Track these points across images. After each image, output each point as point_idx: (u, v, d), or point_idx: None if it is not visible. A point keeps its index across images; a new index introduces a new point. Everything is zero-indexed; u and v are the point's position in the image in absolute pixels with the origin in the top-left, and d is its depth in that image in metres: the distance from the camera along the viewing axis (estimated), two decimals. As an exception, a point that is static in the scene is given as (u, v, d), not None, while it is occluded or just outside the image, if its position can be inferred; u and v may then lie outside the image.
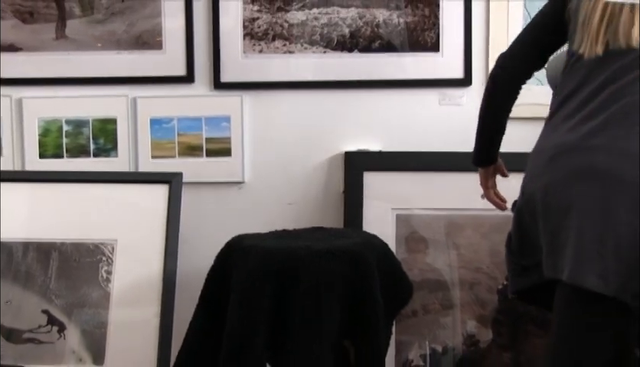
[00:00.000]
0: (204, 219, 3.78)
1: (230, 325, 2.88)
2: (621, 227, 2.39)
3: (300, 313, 2.85)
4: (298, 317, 2.86)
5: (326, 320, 2.86)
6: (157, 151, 3.86)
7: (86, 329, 3.65)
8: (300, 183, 3.82)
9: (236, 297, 2.91)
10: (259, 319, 2.86)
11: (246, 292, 2.89)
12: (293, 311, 2.86)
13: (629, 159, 2.41)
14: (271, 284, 2.88)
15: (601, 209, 2.44)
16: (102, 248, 3.71)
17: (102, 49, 3.87)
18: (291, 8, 3.81)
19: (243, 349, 2.87)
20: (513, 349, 3.64)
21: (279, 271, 2.90)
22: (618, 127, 2.45)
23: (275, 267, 2.91)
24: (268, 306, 2.87)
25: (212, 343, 2.98)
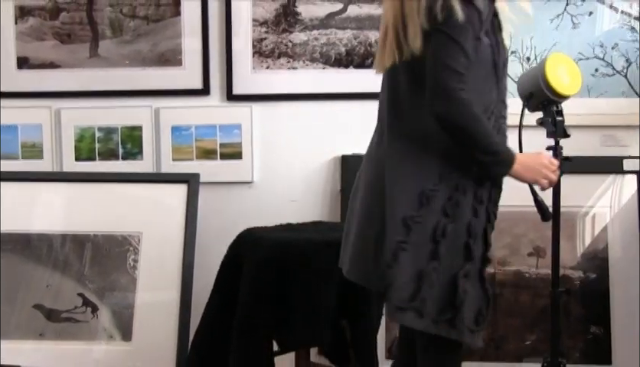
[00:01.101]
0: (218, 214, 3.76)
1: (241, 306, 2.89)
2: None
3: (302, 296, 2.85)
4: (300, 300, 2.85)
5: (324, 303, 2.87)
6: (177, 155, 3.84)
7: (116, 309, 3.65)
8: (302, 183, 3.81)
9: (246, 282, 2.90)
10: (266, 301, 2.86)
11: (255, 278, 2.89)
12: (296, 294, 2.86)
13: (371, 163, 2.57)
14: (276, 271, 2.88)
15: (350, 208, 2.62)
16: (130, 240, 3.71)
17: (129, 66, 3.85)
18: (294, 30, 3.79)
19: (253, 327, 2.87)
20: (489, 328, 3.59)
21: (284, 259, 2.90)
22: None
23: (280, 256, 2.91)
24: (274, 290, 2.87)
25: (225, 322, 2.97)
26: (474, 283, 2.38)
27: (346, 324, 2.96)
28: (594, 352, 3.60)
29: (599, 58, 3.72)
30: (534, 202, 2.90)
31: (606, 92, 3.72)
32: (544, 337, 3.47)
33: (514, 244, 3.64)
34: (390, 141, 2.50)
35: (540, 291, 3.57)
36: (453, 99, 2.28)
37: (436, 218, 2.36)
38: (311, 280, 2.87)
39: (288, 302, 2.85)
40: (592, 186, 3.67)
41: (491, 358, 3.59)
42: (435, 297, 2.34)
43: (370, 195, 2.51)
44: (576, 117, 3.13)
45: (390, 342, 3.61)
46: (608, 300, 3.62)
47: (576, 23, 3.72)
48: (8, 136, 3.88)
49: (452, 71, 2.28)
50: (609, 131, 3.74)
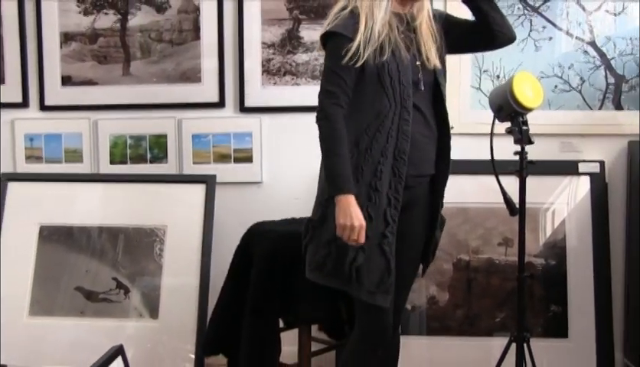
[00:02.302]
0: (232, 210, 3.73)
1: (252, 289, 2.88)
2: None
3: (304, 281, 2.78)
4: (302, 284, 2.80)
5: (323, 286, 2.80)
6: (197, 159, 3.82)
7: (145, 291, 3.64)
8: (304, 183, 3.75)
9: (256, 268, 2.90)
10: (273, 285, 2.86)
11: (264, 265, 2.88)
12: (299, 279, 2.81)
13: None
14: (282, 259, 2.88)
15: None
16: (156, 232, 3.69)
17: (156, 82, 3.83)
18: (297, 52, 3.77)
19: (262, 307, 2.86)
20: (464, 307, 3.61)
21: (288, 249, 2.87)
22: None
23: (285, 246, 2.89)
24: (279, 275, 2.85)
25: (238, 303, 2.96)
26: (373, 254, 2.46)
27: (342, 304, 2.91)
28: (553, 327, 3.58)
29: (557, 76, 3.69)
30: (504, 199, 2.89)
31: (564, 105, 3.70)
32: (512, 315, 3.47)
33: (486, 235, 3.62)
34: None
35: (508, 276, 3.55)
36: (323, 113, 2.49)
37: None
38: (312, 266, 2.81)
39: (292, 286, 2.84)
40: (552, 186, 3.64)
41: (467, 333, 3.57)
42: (333, 261, 2.48)
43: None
44: (539, 126, 3.10)
45: (380, 320, 3.57)
46: (566, 282, 3.60)
47: (538, 46, 3.70)
48: (53, 143, 3.87)
49: (323, 89, 2.50)
50: (567, 139, 3.71)
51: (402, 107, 2.50)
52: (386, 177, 2.49)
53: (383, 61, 2.47)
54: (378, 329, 2.58)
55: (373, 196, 2.48)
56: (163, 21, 3.80)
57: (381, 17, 2.48)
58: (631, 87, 3.71)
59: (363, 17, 2.46)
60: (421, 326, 3.59)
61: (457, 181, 3.59)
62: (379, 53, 2.47)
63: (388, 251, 2.49)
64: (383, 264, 2.48)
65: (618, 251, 3.70)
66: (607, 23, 3.69)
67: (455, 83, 3.69)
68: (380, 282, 2.48)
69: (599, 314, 3.56)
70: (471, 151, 3.56)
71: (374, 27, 2.46)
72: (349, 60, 2.43)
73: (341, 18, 2.50)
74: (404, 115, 2.50)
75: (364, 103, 2.51)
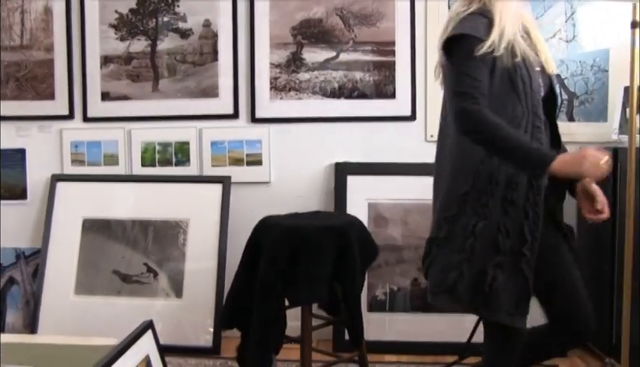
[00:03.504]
0: (245, 206, 3.71)
1: (262, 274, 2.84)
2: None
3: (306, 266, 2.79)
4: (304, 268, 2.81)
5: (323, 270, 2.82)
6: (215, 162, 3.80)
7: (171, 275, 3.63)
8: (306, 183, 3.79)
9: (265, 255, 2.86)
10: (279, 269, 2.82)
11: (271, 252, 2.85)
12: (301, 264, 2.81)
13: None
14: (287, 248, 2.83)
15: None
16: (181, 224, 3.68)
17: (181, 97, 3.82)
18: (300, 71, 3.76)
19: (270, 289, 2.82)
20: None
21: (292, 239, 2.84)
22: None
23: (290, 236, 2.85)
24: (285, 261, 2.81)
25: (250, 285, 2.92)
26: (509, 274, 2.06)
27: (338, 286, 2.89)
28: (518, 305, 3.54)
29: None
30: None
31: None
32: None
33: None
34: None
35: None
36: (465, 115, 2.06)
37: (467, 218, 2.11)
38: (313, 254, 2.81)
39: (295, 270, 2.81)
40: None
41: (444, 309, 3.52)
42: (467, 283, 2.09)
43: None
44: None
45: (371, 299, 3.58)
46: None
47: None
48: (94, 149, 3.87)
49: (457, 93, 2.09)
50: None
51: (534, 114, 2.12)
52: (522, 189, 2.08)
53: (515, 64, 2.09)
54: (513, 357, 2.21)
55: (509, 210, 2.08)
56: (187, 45, 3.79)
57: (512, 17, 2.13)
58: (581, 102, 3.69)
59: (497, 17, 2.10)
60: (405, 304, 3.58)
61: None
62: (511, 55, 2.09)
63: (526, 269, 2.07)
64: (521, 284, 2.07)
65: (572, 241, 3.67)
66: (561, 48, 3.68)
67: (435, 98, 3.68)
68: (518, 303, 2.08)
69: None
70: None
71: (507, 28, 2.09)
72: (482, 60, 2.06)
73: (469, 20, 2.12)
74: (536, 123, 2.12)
75: (497, 109, 2.07)
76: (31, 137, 3.90)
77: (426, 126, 3.71)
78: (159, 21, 3.81)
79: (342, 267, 2.85)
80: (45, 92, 3.88)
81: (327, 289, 2.86)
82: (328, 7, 3.72)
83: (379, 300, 3.58)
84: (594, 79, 3.68)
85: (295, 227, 2.86)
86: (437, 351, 3.38)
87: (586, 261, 3.58)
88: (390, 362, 3.34)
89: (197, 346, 3.47)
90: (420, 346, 3.47)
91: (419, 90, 3.71)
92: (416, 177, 3.62)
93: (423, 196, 3.59)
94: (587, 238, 3.58)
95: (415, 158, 3.67)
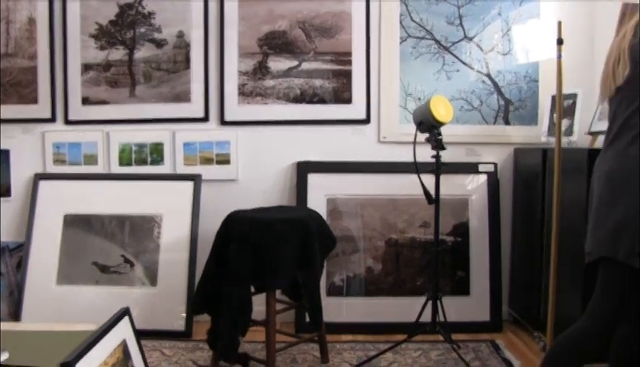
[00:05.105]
0: (214, 201, 3.66)
1: (230, 262, 2.81)
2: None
3: (271, 256, 2.77)
4: (269, 257, 2.78)
5: (285, 259, 2.79)
6: (187, 162, 3.73)
7: (146, 265, 3.55)
8: (270, 180, 3.75)
9: (233, 246, 2.82)
10: (246, 259, 2.78)
11: (239, 243, 2.81)
12: (266, 254, 2.77)
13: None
14: (253, 239, 2.79)
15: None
16: (155, 218, 3.61)
17: (156, 102, 3.74)
18: (266, 78, 3.71)
19: (237, 276, 2.79)
20: (393, 274, 3.59)
21: (258, 231, 2.80)
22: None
23: (256, 229, 2.81)
24: (251, 251, 2.78)
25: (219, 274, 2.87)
26: None
27: (300, 273, 2.87)
28: (459, 287, 3.59)
29: (463, 99, 3.70)
30: (423, 192, 2.88)
31: (468, 121, 3.70)
32: (429, 279, 3.47)
33: (410, 219, 3.61)
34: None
35: (426, 250, 3.55)
36: None
37: None
38: (277, 244, 2.78)
39: (261, 259, 2.78)
40: (459, 182, 3.65)
41: (395, 294, 3.57)
42: None
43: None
44: (449, 137, 3.11)
45: (330, 285, 3.55)
46: (468, 254, 3.61)
47: (449, 76, 3.70)
48: (75, 150, 3.77)
49: None
50: (470, 146, 3.72)
51: None
52: None
53: None
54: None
55: None
56: (161, 54, 3.72)
57: None
58: (515, 108, 3.72)
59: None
60: (360, 289, 3.57)
61: (389, 179, 3.61)
62: None
63: None
64: None
65: (506, 230, 3.73)
66: (498, 60, 3.71)
67: (388, 103, 3.68)
68: None
69: (492, 277, 3.59)
70: (399, 155, 3.56)
71: None
72: None
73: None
74: None
75: None
76: (16, 138, 3.78)
77: (379, 128, 3.71)
78: (136, 31, 3.72)
79: (304, 256, 2.83)
80: (29, 96, 3.76)
81: (290, 276, 2.83)
82: (291, 20, 3.68)
83: (337, 286, 3.56)
84: (526, 88, 3.72)
85: (260, 220, 2.83)
86: (389, 331, 3.37)
87: (519, 247, 3.63)
88: (346, 342, 3.33)
89: (170, 330, 3.40)
90: (374, 327, 3.46)
91: (373, 96, 3.70)
92: (371, 175, 3.63)
93: (377, 191, 3.63)
94: (521, 227, 3.62)
95: (369, 158, 3.68)
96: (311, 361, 3.07)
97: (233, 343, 2.78)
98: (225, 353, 2.82)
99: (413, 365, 3.00)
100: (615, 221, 1.99)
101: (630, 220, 1.96)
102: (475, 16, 3.68)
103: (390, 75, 3.69)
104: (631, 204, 1.96)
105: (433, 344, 3.23)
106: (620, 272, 2.00)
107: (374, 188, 3.62)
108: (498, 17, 3.69)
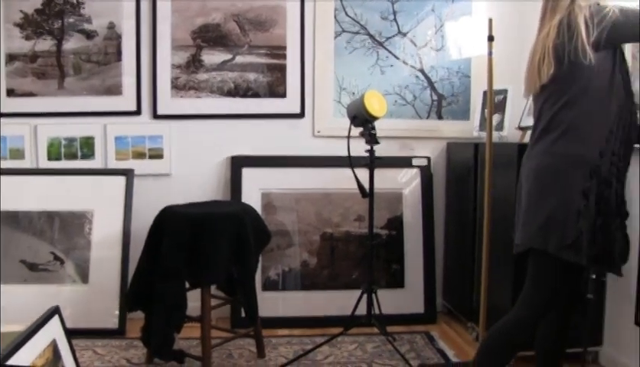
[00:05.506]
0: (147, 196, 3.58)
1: (163, 258, 2.77)
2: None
3: (205, 251, 2.76)
4: (203, 252, 2.76)
5: (220, 254, 2.78)
6: (119, 156, 3.66)
7: (77, 263, 3.46)
8: (204, 174, 3.72)
9: (166, 241, 2.79)
10: (180, 254, 2.76)
11: (172, 239, 2.78)
12: (200, 249, 2.75)
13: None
14: (188, 234, 2.77)
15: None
16: (86, 214, 3.52)
17: (86, 95, 3.65)
18: (199, 72, 3.67)
19: (171, 272, 2.77)
20: (329, 268, 3.62)
21: (192, 226, 2.78)
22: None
23: (189, 223, 2.79)
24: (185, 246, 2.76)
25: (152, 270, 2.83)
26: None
27: (235, 268, 2.86)
28: (394, 280, 3.64)
29: (397, 94, 3.75)
30: (357, 186, 2.91)
31: (402, 115, 3.76)
32: (364, 272, 3.51)
33: (345, 213, 3.64)
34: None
35: (361, 243, 3.58)
36: None
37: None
38: (211, 239, 2.76)
39: (195, 254, 2.75)
40: (393, 176, 3.71)
41: (331, 287, 3.60)
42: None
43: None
44: (383, 131, 3.14)
45: (265, 279, 3.55)
46: (403, 247, 3.67)
47: (383, 71, 3.75)
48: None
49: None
50: (404, 141, 3.78)
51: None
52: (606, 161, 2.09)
53: None
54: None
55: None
56: (92, 45, 3.62)
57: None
58: (448, 103, 3.81)
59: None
60: (296, 283, 3.58)
61: (322, 172, 3.64)
62: None
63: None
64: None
65: (439, 223, 3.80)
66: (431, 56, 3.78)
67: (322, 97, 3.70)
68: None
69: (426, 270, 3.66)
70: (333, 149, 3.58)
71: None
72: None
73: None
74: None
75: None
76: (-64, 132, 3.64)
77: (314, 122, 3.73)
78: (65, 22, 3.61)
79: (238, 251, 2.82)
80: (-51, 88, 3.62)
81: (225, 271, 2.82)
82: (225, 13, 3.65)
83: (272, 280, 3.56)
84: (459, 84, 3.81)
85: (194, 215, 2.80)
86: (325, 324, 3.40)
87: (452, 240, 3.71)
88: (282, 336, 3.34)
89: (104, 328, 3.32)
90: (310, 321, 3.48)
91: (308, 90, 3.71)
92: (305, 169, 3.64)
93: (312, 186, 3.64)
94: (454, 220, 3.71)
95: (304, 152, 3.69)
96: (248, 356, 3.07)
97: (168, 340, 2.76)
98: (159, 350, 2.79)
99: (349, 358, 3.04)
100: (545, 216, 2.07)
101: (559, 214, 2.05)
102: (408, 12, 3.74)
103: (324, 69, 3.72)
104: (560, 199, 2.05)
105: (369, 336, 3.28)
106: (551, 264, 2.08)
107: (309, 182, 3.64)
108: (432, 14, 3.76)
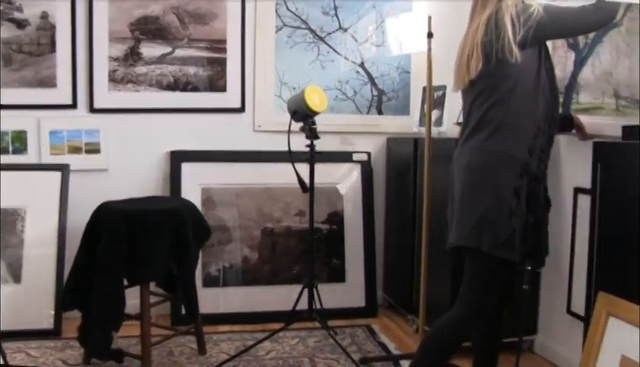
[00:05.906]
0: (83, 192, 3.50)
1: (101, 255, 2.72)
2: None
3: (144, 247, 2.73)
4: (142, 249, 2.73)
5: (159, 251, 2.75)
6: (54, 151, 3.55)
7: (10, 262, 3.35)
8: (143, 170, 3.65)
9: (103, 238, 2.74)
10: (117, 251, 2.72)
11: (109, 235, 2.74)
12: (138, 245, 2.72)
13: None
14: (125, 230, 2.73)
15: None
16: (18, 211, 3.40)
17: (19, 87, 3.52)
18: (138, 65, 3.61)
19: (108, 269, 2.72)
20: (270, 263, 3.63)
21: (129, 222, 2.74)
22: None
23: (127, 220, 2.74)
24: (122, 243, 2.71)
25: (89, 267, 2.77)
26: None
27: (174, 264, 2.83)
28: (334, 274, 3.68)
29: (338, 89, 3.78)
30: (298, 180, 2.92)
31: (342, 110, 3.80)
32: (305, 267, 3.52)
33: (286, 208, 3.65)
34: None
35: (302, 238, 3.59)
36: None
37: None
38: (149, 235, 2.72)
39: (133, 251, 2.71)
40: (333, 171, 3.74)
41: (272, 282, 3.61)
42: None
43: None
44: (324, 126, 3.14)
45: (205, 275, 3.52)
46: (343, 242, 3.71)
47: (324, 66, 3.77)
48: None
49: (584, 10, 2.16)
50: (344, 136, 3.81)
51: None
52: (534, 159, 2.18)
53: None
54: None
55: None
56: (23, 35, 3.50)
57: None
58: (388, 99, 3.86)
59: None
60: (237, 279, 3.57)
61: (262, 167, 3.64)
62: None
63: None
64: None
65: (380, 218, 3.86)
66: (372, 52, 3.82)
67: (263, 92, 3.69)
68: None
69: (367, 264, 3.71)
70: (274, 144, 3.58)
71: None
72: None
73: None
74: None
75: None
76: None
77: (254, 117, 3.71)
78: (-7, 10, 3.50)
79: (177, 247, 2.79)
80: None
81: (164, 268, 2.79)
82: (164, 5, 3.59)
83: (213, 276, 3.54)
84: (399, 79, 3.86)
85: (132, 211, 2.76)
86: (267, 320, 3.40)
87: (393, 234, 3.77)
88: (223, 332, 3.32)
89: (38, 329, 3.22)
90: (251, 316, 3.47)
91: (248, 85, 3.70)
92: (246, 164, 3.64)
93: (252, 181, 3.64)
94: (394, 214, 3.76)
95: (244, 146, 3.68)
96: (189, 353, 3.04)
97: (106, 339, 2.71)
98: (97, 350, 2.75)
99: (291, 353, 3.06)
100: (478, 215, 2.11)
101: (492, 214, 2.09)
102: (349, 7, 3.77)
103: (265, 64, 3.70)
104: (492, 197, 2.10)
105: (310, 331, 3.30)
106: (485, 262, 2.13)
107: (249, 177, 3.63)
108: (373, 10, 3.80)
